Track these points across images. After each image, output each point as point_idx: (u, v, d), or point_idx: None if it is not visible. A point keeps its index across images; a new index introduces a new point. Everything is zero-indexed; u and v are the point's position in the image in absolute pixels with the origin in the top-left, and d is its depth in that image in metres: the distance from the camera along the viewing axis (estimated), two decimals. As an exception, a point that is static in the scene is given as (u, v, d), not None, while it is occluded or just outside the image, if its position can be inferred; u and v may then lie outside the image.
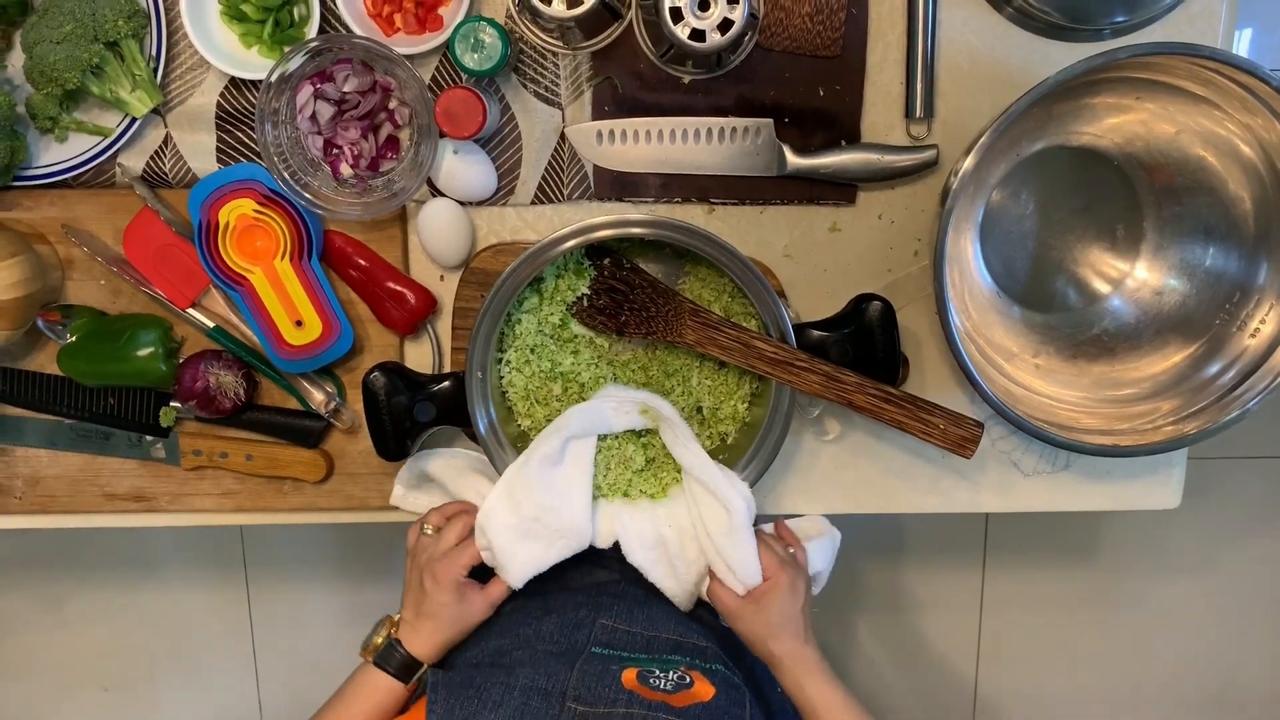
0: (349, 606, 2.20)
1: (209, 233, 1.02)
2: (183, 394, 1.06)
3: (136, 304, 1.10)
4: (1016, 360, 1.07)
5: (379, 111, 1.03)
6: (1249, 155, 0.98)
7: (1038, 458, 1.13)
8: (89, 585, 2.21)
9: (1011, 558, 2.18)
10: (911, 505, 1.15)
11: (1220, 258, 1.04)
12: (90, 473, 1.13)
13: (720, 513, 0.98)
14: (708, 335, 1.01)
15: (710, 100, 1.05)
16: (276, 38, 1.02)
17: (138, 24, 1.01)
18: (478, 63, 0.97)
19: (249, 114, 1.05)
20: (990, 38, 1.04)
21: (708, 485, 0.99)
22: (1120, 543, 2.19)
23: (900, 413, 0.98)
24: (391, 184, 1.03)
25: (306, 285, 1.04)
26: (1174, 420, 1.01)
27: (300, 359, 1.06)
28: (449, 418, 1.03)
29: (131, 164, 1.06)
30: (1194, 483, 1.18)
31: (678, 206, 1.08)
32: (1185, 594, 2.22)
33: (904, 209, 1.08)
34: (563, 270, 1.05)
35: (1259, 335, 1.00)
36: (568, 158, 1.07)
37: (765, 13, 1.02)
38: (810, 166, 1.04)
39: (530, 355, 1.06)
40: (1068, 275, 1.09)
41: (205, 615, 2.22)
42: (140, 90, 1.02)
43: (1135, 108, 1.01)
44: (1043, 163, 1.05)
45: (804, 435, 1.12)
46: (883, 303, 1.00)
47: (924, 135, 1.06)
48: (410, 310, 1.07)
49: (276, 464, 1.11)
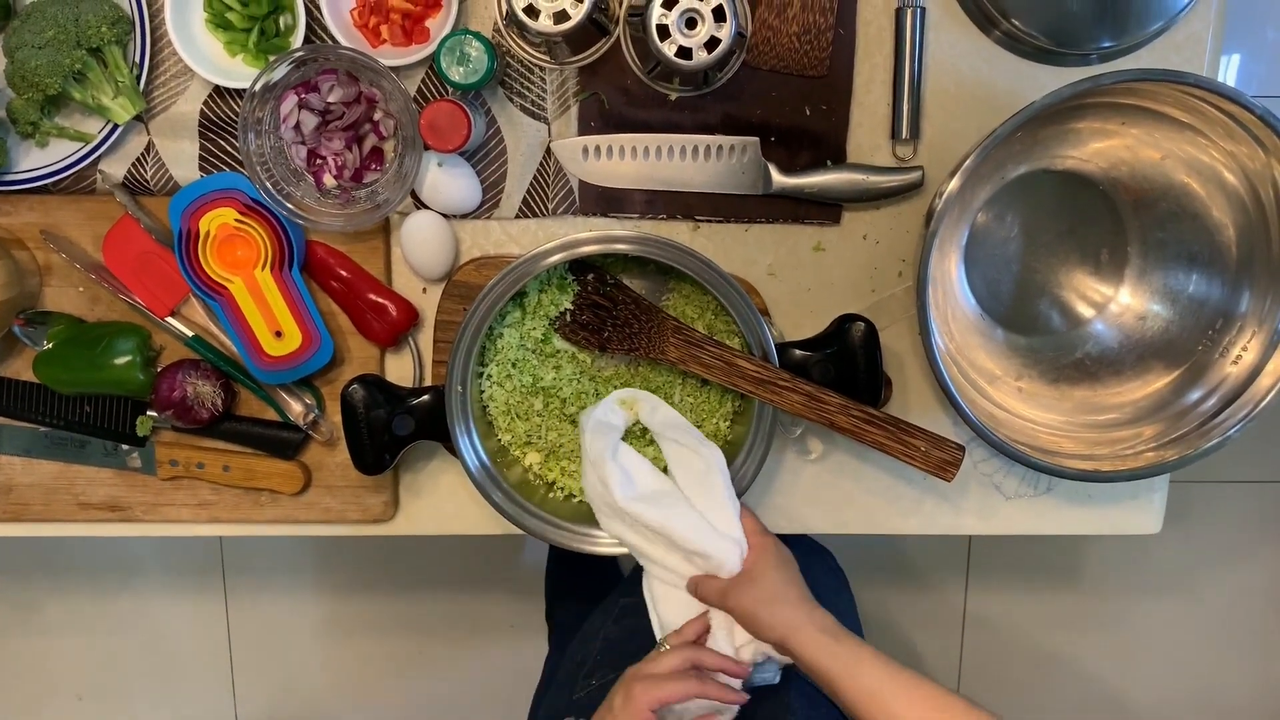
0: (327, 618, 2.18)
1: (189, 241, 1.02)
2: (160, 403, 1.05)
3: (115, 312, 1.09)
4: (999, 383, 1.07)
5: (363, 122, 1.03)
6: (1233, 183, 0.98)
7: (1020, 481, 1.13)
8: (65, 592, 2.19)
9: (994, 578, 2.18)
10: (893, 527, 1.14)
11: (1203, 284, 1.04)
12: (65, 481, 1.12)
13: (697, 463, 0.99)
14: (690, 353, 1.00)
15: (697, 117, 1.04)
16: (262, 47, 1.02)
17: (121, 30, 1.00)
18: (463, 76, 0.97)
19: (233, 122, 1.05)
20: (977, 60, 1.04)
21: (682, 440, 1.00)
22: (1102, 565, 2.19)
23: (882, 434, 0.98)
24: (375, 195, 1.03)
25: (287, 296, 1.03)
26: (1155, 446, 1.00)
27: (279, 370, 1.05)
28: (428, 432, 1.02)
29: (113, 171, 1.06)
30: (1175, 506, 1.18)
31: (663, 223, 1.08)
32: (1166, 616, 2.22)
33: (888, 230, 1.07)
34: (546, 285, 1.04)
35: (1241, 363, 1.00)
36: (553, 172, 1.06)
37: (753, 32, 1.02)
38: (796, 185, 1.04)
39: (512, 370, 1.05)
40: (1051, 298, 1.09)
41: (182, 624, 2.21)
42: (123, 97, 1.01)
43: (1120, 133, 1.01)
44: (1028, 186, 1.06)
45: (786, 454, 1.12)
46: (866, 323, 1.00)
47: (909, 156, 1.06)
48: (391, 322, 1.06)
49: (253, 475, 1.10)
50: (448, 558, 2.15)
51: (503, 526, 1.06)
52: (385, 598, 2.18)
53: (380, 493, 1.11)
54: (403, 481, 1.13)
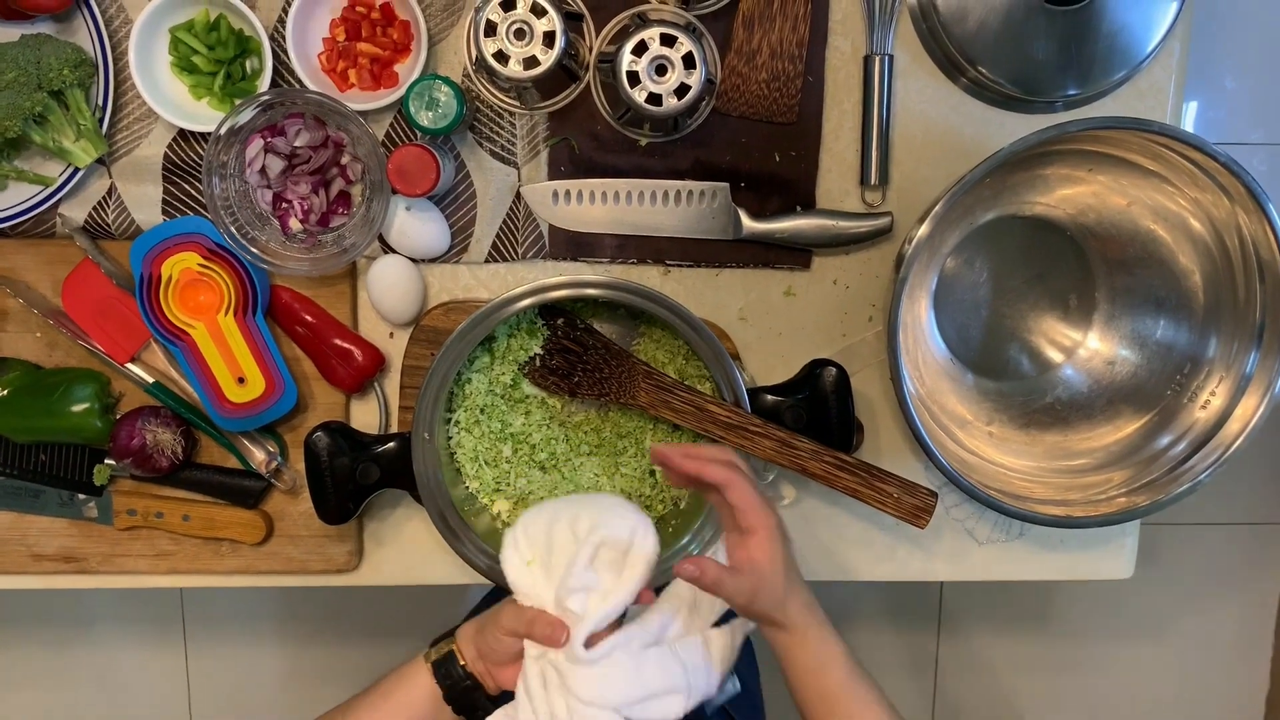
0: (289, 670, 2.14)
1: (151, 286, 1.00)
2: (118, 451, 1.02)
3: (73, 357, 1.06)
4: (970, 428, 1.07)
5: (330, 166, 1.02)
6: (1199, 230, 0.99)
7: (992, 526, 1.12)
8: (18, 643, 2.13)
9: (966, 621, 2.17)
10: (866, 573, 1.13)
11: (1171, 330, 1.04)
12: (17, 532, 1.09)
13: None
14: (661, 398, 0.99)
15: (667, 163, 1.04)
16: (228, 90, 1.01)
17: (84, 73, 0.98)
18: (432, 121, 0.96)
19: (197, 166, 1.03)
20: (945, 107, 1.05)
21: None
22: (1074, 607, 2.19)
23: (854, 480, 0.97)
24: (342, 240, 1.01)
25: (250, 341, 1.01)
26: (1126, 492, 1.00)
27: (241, 417, 1.02)
28: (394, 480, 1.00)
29: (73, 214, 1.04)
30: (1146, 548, 1.18)
31: (633, 268, 1.07)
32: (1138, 659, 2.22)
33: (858, 275, 1.07)
34: (515, 329, 1.03)
35: (1209, 408, 1.00)
36: (523, 217, 1.05)
37: (722, 79, 1.02)
38: (766, 231, 1.04)
39: (480, 415, 1.04)
40: (1021, 343, 1.09)
41: (141, 676, 2.15)
42: (85, 140, 1.00)
43: (1088, 179, 1.02)
44: (997, 231, 1.06)
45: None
46: (837, 369, 0.99)
47: (879, 202, 1.06)
48: (357, 368, 1.04)
49: (214, 525, 1.07)
50: (413, 607, 2.11)
51: (470, 576, 1.04)
52: (349, 648, 2.13)
53: (344, 542, 1.09)
54: (367, 530, 1.11)
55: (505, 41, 0.92)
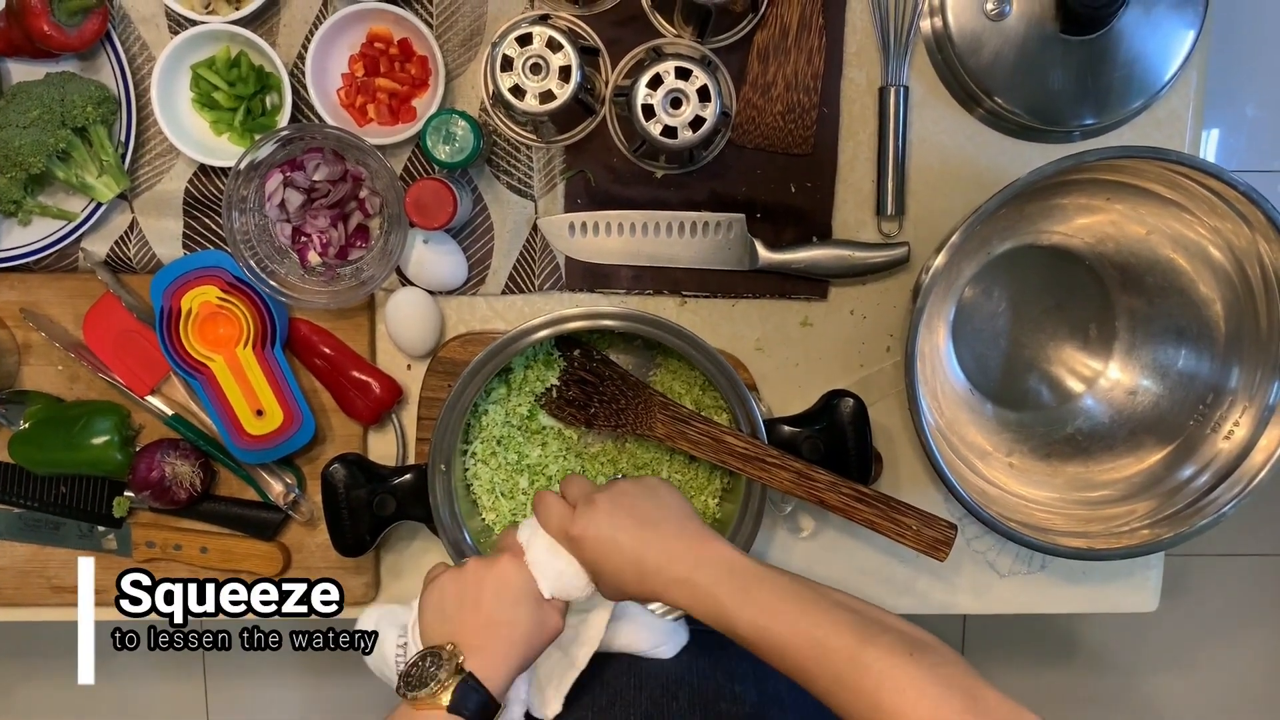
0: (308, 700, 2.13)
1: (171, 320, 1.01)
2: (137, 484, 1.03)
3: (94, 390, 1.07)
4: (990, 459, 1.06)
5: (349, 200, 1.02)
6: (1219, 258, 0.98)
7: (1013, 558, 1.11)
8: (39, 673, 2.13)
9: (990, 655, 2.14)
10: (887, 606, 1.10)
11: (1193, 359, 1.03)
12: (38, 564, 1.09)
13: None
14: (678, 429, 0.99)
15: (683, 194, 1.05)
16: (248, 125, 1.02)
17: (107, 110, 1.00)
18: (449, 155, 0.97)
19: (218, 200, 1.04)
20: (961, 137, 1.05)
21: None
22: (1099, 641, 2.15)
23: (873, 513, 0.96)
24: (360, 273, 1.02)
25: (269, 374, 1.02)
26: (1149, 524, 0.99)
27: (260, 449, 1.03)
28: (410, 512, 1.00)
29: (95, 249, 1.05)
30: (1171, 580, 1.16)
31: (649, 298, 1.07)
32: (1164, 692, 2.18)
33: (875, 305, 1.07)
34: (532, 361, 1.03)
35: (1233, 438, 0.99)
36: (540, 248, 1.06)
37: (737, 111, 1.03)
38: (782, 261, 1.04)
39: (497, 447, 1.04)
40: (1040, 373, 1.08)
41: (161, 706, 2.15)
42: (107, 175, 1.01)
43: (1106, 208, 1.01)
44: (1014, 261, 1.06)
45: (778, 532, 1.10)
46: (855, 399, 0.99)
47: (895, 232, 1.06)
48: (375, 400, 1.04)
49: (232, 557, 1.07)
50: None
51: (487, 609, 1.03)
52: (368, 679, 2.12)
53: (361, 574, 1.09)
54: (384, 562, 1.11)
55: (521, 76, 0.93)
